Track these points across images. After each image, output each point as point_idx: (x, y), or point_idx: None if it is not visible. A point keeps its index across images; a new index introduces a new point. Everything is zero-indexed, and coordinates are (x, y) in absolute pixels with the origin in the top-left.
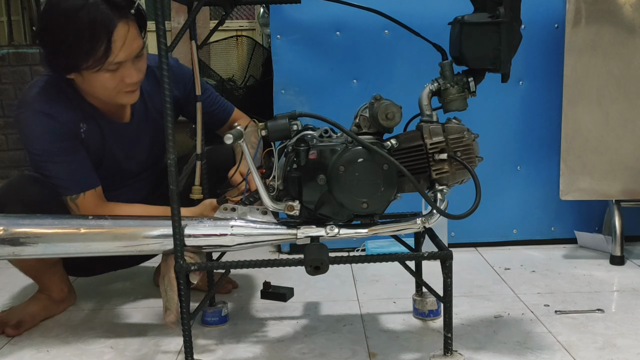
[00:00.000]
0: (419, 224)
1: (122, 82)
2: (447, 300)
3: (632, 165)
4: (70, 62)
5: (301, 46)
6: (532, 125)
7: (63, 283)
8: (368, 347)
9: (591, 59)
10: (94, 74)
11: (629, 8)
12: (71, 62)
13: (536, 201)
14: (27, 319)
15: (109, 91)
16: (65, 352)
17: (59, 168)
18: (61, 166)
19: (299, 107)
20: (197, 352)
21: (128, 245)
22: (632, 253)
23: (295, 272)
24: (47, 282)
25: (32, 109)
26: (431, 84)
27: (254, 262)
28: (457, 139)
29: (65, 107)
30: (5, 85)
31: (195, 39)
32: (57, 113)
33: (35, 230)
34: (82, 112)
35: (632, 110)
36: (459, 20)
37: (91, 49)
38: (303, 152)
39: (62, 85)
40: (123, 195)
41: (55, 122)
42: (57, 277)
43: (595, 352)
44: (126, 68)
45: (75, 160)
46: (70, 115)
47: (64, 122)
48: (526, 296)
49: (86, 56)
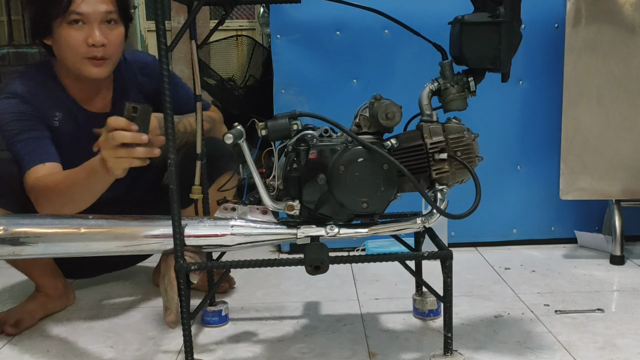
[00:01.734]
0: (419, 224)
1: (85, 43)
2: (447, 300)
3: (632, 165)
4: (40, 12)
5: (301, 46)
6: (532, 125)
7: (56, 279)
8: (368, 346)
9: (591, 59)
10: (62, 32)
11: (629, 8)
12: (41, 12)
13: (536, 201)
14: (26, 317)
15: (74, 51)
16: (65, 352)
17: (22, 146)
18: (25, 144)
19: (299, 106)
20: (197, 352)
21: (128, 245)
22: (632, 253)
23: (295, 272)
24: (39, 278)
25: (8, 91)
26: (431, 84)
27: (254, 262)
28: (457, 139)
29: (39, 93)
30: None
31: (195, 38)
32: (30, 97)
33: (35, 230)
34: (58, 102)
35: (633, 110)
36: (459, 20)
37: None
38: (303, 151)
39: (41, 75)
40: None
41: (26, 104)
42: (49, 273)
43: (595, 352)
44: (90, 28)
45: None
46: (44, 100)
47: (35, 105)
48: (526, 296)
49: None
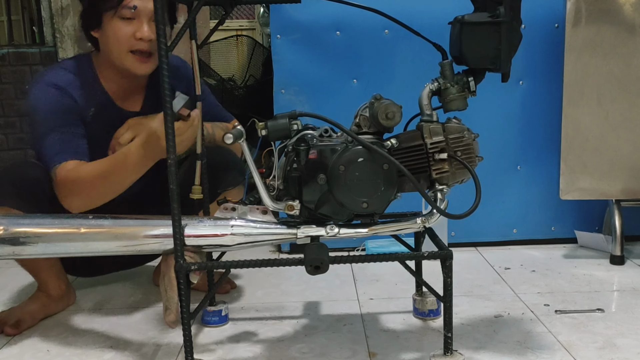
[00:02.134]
0: (419, 224)
1: (133, 36)
2: (447, 299)
3: (632, 165)
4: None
5: (301, 46)
6: (532, 124)
7: (60, 280)
8: (368, 346)
9: (591, 59)
10: (112, 24)
11: (629, 8)
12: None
13: (536, 201)
14: (27, 318)
15: (121, 44)
16: (65, 352)
17: (55, 140)
18: (59, 138)
19: (299, 106)
20: (197, 352)
21: (128, 245)
22: (632, 253)
23: (295, 272)
24: (44, 278)
25: (45, 81)
26: (431, 84)
27: (254, 262)
28: (457, 139)
29: (78, 86)
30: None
31: (195, 38)
32: (70, 89)
33: (35, 230)
34: (94, 96)
35: (632, 110)
36: (459, 20)
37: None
38: (303, 151)
39: (81, 67)
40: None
41: (66, 97)
42: (55, 274)
43: (595, 352)
44: (140, 23)
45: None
46: (81, 94)
47: (74, 99)
48: (526, 296)
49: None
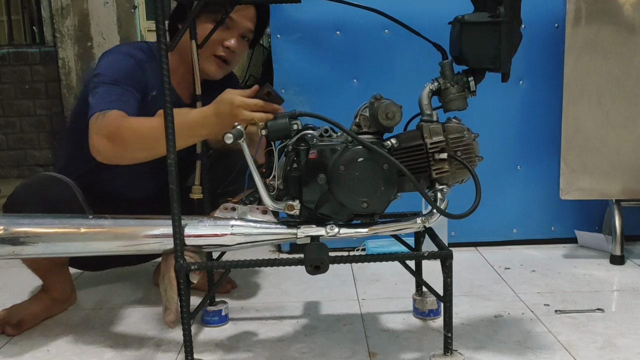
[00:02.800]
0: (419, 224)
1: (220, 43)
2: (447, 299)
3: (632, 165)
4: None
5: (301, 46)
6: (532, 124)
7: (67, 284)
8: (368, 346)
9: (591, 59)
10: (204, 23)
11: (629, 8)
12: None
13: (536, 201)
14: (28, 319)
15: (208, 47)
16: (65, 352)
17: (111, 91)
18: (114, 90)
19: (299, 106)
20: (197, 352)
21: (128, 245)
22: (632, 253)
23: (295, 272)
24: (52, 281)
25: (122, 51)
26: (431, 84)
27: (254, 262)
28: (457, 139)
29: (150, 67)
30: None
31: (195, 38)
32: (141, 60)
33: (35, 230)
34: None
35: (632, 110)
36: (459, 20)
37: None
38: (303, 151)
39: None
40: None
41: (137, 66)
42: (62, 278)
43: (595, 352)
44: (231, 34)
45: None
46: (151, 74)
47: (144, 71)
48: (526, 296)
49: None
